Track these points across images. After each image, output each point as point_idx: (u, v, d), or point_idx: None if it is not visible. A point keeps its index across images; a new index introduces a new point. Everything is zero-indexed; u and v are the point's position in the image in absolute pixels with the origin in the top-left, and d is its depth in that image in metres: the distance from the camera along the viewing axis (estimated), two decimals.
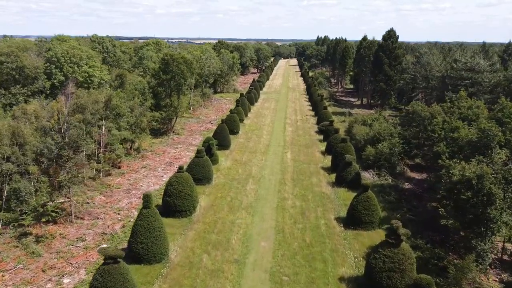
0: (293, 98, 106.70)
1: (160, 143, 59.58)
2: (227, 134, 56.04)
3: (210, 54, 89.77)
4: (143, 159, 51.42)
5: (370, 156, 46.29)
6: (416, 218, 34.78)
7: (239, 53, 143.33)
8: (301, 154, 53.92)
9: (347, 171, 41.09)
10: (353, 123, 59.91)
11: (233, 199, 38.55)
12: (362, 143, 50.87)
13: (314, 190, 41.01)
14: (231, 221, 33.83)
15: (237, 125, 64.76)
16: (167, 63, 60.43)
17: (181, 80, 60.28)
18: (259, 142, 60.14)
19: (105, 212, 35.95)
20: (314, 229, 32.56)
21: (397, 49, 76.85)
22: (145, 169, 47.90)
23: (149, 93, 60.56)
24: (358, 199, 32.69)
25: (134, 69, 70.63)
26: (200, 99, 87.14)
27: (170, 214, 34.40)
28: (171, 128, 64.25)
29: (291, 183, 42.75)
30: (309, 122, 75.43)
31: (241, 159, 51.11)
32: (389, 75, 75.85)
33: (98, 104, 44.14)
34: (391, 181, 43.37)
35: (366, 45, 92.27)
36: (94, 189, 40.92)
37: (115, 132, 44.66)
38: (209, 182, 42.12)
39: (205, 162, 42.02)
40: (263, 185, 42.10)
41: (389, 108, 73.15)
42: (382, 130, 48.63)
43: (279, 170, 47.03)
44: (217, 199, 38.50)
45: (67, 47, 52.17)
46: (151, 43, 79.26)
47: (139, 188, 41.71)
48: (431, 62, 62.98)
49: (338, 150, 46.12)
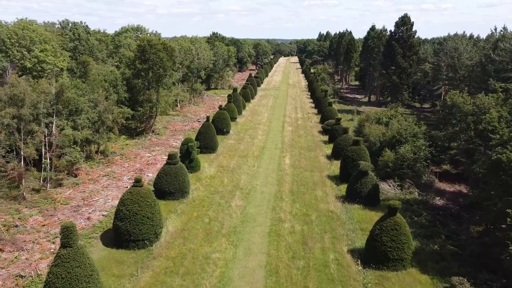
0: (294, 95, 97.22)
1: (135, 145, 50.17)
2: (213, 135, 46.59)
3: (201, 45, 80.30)
4: (109, 165, 42.00)
5: (389, 162, 36.83)
6: (460, 251, 25.25)
7: (236, 47, 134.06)
8: (302, 158, 44.45)
9: (362, 183, 31.62)
10: (364, 121, 50.46)
11: (212, 220, 29.09)
12: (378, 146, 41.42)
13: (319, 207, 31.53)
14: (205, 255, 24.40)
15: (227, 124, 55.32)
16: (143, 50, 51.02)
17: (160, 70, 50.83)
18: (252, 143, 50.68)
19: (36, 239, 26.50)
20: (320, 269, 23.10)
21: (412, 38, 67.23)
22: (107, 177, 38.48)
23: (122, 86, 51.18)
24: (383, 227, 23.22)
25: (109, 59, 61.21)
26: (189, 95, 77.70)
27: (122, 244, 25.04)
28: (149, 127, 54.82)
29: (289, 198, 33.28)
30: (312, 121, 65.95)
31: (229, 165, 41.65)
32: (403, 67, 66.24)
33: (47, 96, 34.80)
34: (418, 195, 33.91)
35: (375, 35, 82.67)
36: (33, 206, 31.50)
37: (68, 132, 35.23)
38: (183, 196, 32.73)
39: (179, 170, 32.58)
40: (253, 201, 32.65)
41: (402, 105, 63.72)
42: (403, 129, 39.15)
43: (274, 180, 37.57)
44: (191, 220, 29.04)
45: (16, 27, 42.79)
46: (130, 30, 69.98)
47: (93, 204, 32.26)
48: (460, 48, 53.27)
49: (348, 154, 36.65)
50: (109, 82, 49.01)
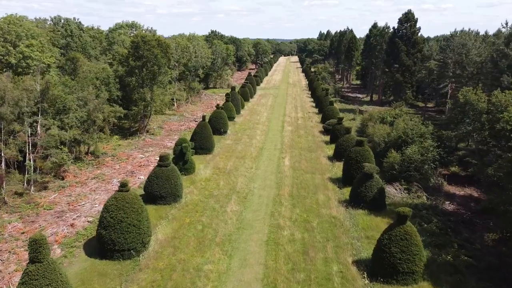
0: (294, 94, 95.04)
1: (128, 146, 48.02)
2: (209, 135, 44.43)
3: (198, 42, 78.10)
4: (99, 167, 39.86)
5: (395, 164, 34.70)
6: (476, 262, 23.10)
7: (235, 46, 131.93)
8: (302, 160, 42.30)
9: (367, 186, 29.47)
10: (367, 121, 48.34)
11: (206, 227, 26.96)
12: (382, 147, 39.29)
13: (321, 213, 29.37)
14: (197, 266, 22.26)
15: (225, 123, 53.15)
16: (137, 46, 48.86)
17: (154, 67, 48.67)
18: (250, 144, 48.52)
19: (13, 249, 24.37)
20: (322, 283, 20.96)
21: (416, 34, 65.01)
22: (96, 180, 36.34)
23: (115, 84, 49.03)
24: (392, 236, 21.06)
25: (102, 56, 59.04)
26: (186, 93, 75.52)
27: (106, 254, 22.92)
28: (143, 127, 52.67)
29: (289, 202, 31.13)
30: (312, 120, 63.79)
31: (225, 167, 39.51)
32: (407, 65, 64.04)
33: (31, 94, 32.68)
34: (427, 199, 31.78)
35: (377, 33, 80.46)
36: (14, 211, 29.38)
37: (53, 132, 33.13)
38: (176, 200, 30.61)
39: (171, 173, 30.44)
40: (250, 205, 30.51)
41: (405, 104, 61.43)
42: (409, 129, 37.01)
43: (273, 183, 35.42)
44: (182, 227, 26.91)
45: (2, 22, 40.62)
46: (125, 26, 67.71)
47: (78, 209, 30.12)
48: (468, 44, 51.02)
49: (351, 156, 34.48)
50: (100, 80, 46.91)
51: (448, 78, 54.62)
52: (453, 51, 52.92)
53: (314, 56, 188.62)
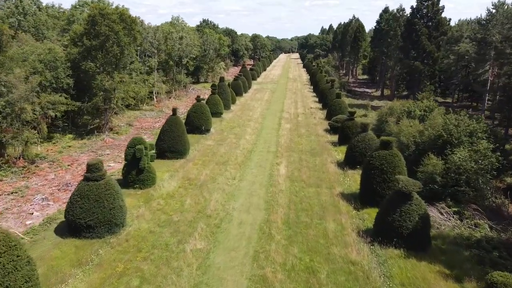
0: (294, 89, 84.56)
1: (81, 147, 37.64)
2: (181, 133, 33.86)
3: (183, 27, 67.66)
4: (27, 176, 29.44)
5: (436, 175, 24.19)
6: None
7: (230, 38, 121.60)
8: (303, 167, 31.80)
9: (404, 213, 18.98)
10: (387, 116, 37.83)
11: (145, 283, 16.46)
12: (412, 150, 28.76)
13: (332, 254, 18.85)
14: None
15: (207, 119, 42.62)
16: (94, 21, 38.46)
17: (114, 47, 38.25)
18: (237, 145, 38.07)
19: None
20: None
21: (440, 14, 54.43)
22: (13, 196, 25.91)
23: (66, 69, 38.60)
24: None
25: (58, 37, 48.68)
26: (169, 86, 65.10)
27: None
28: (105, 123, 42.20)
29: (283, 235, 20.63)
30: (315, 117, 53.33)
31: (198, 177, 29.04)
32: (428, 51, 53.45)
33: None
34: (490, 229, 21.26)
35: (390, 17, 69.87)
36: None
37: None
38: (112, 230, 20.22)
39: (104, 190, 20.01)
40: (224, 240, 20.02)
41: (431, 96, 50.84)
42: (452, 125, 26.51)
43: (262, 201, 24.91)
44: (107, 282, 16.44)
45: None
46: (89, 3, 57.22)
47: None
48: None
49: (374, 163, 23.90)
50: (45, 63, 36.53)
51: (489, 62, 43.93)
52: (500, 25, 41.82)
53: (316, 51, 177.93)
